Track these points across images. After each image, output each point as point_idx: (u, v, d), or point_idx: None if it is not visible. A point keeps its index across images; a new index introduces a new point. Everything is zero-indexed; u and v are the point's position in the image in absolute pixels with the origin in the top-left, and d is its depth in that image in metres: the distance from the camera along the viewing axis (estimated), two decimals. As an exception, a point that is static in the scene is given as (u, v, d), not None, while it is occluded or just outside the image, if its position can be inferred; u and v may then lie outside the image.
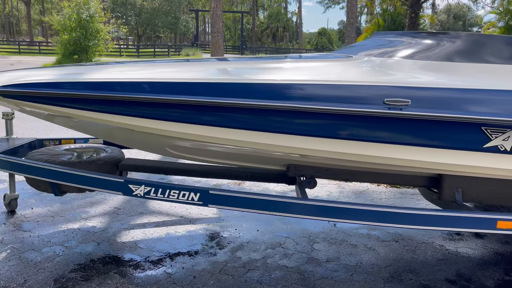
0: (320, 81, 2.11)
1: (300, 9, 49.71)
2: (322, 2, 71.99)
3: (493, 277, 2.58)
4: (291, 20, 60.81)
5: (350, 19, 14.66)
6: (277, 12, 56.19)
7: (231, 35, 68.76)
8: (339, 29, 70.41)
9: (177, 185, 2.38)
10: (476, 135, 1.98)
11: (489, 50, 2.27)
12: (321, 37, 49.70)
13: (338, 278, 2.53)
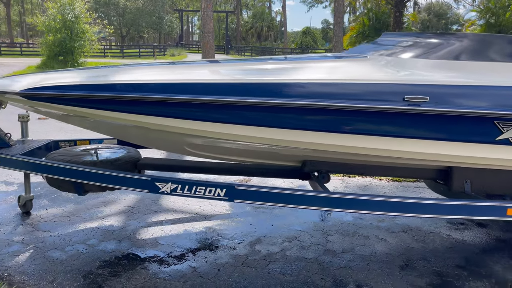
0: (345, 80, 2.24)
1: (284, 8, 49.99)
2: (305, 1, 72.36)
3: (500, 262, 2.75)
4: (275, 19, 61.06)
5: (337, 19, 14.88)
6: (262, 11, 56.39)
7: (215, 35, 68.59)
8: (323, 28, 70.92)
9: (203, 181, 2.48)
10: (489, 128, 2.14)
11: (496, 49, 2.43)
12: (306, 36, 49.99)
13: (356, 267, 2.67)
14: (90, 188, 2.86)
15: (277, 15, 64.46)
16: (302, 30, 52.69)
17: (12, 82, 2.65)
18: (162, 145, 2.97)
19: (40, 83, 2.53)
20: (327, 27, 73.37)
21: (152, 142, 2.95)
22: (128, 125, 2.66)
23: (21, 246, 2.91)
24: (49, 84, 2.51)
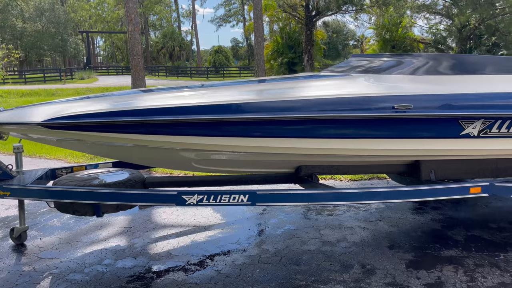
0: (342, 95, 2.73)
1: (195, 28, 50.56)
2: (213, 21, 73.80)
3: (460, 233, 3.44)
4: (185, 39, 61.34)
5: (258, 38, 15.70)
6: (172, 31, 56.32)
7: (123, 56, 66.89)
8: (233, 46, 72.86)
9: (227, 190, 2.80)
10: (454, 126, 2.77)
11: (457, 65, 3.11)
12: (218, 54, 51.10)
13: (354, 252, 3.15)
14: (107, 209, 3.01)
15: (187, 34, 64.93)
16: (214, 49, 53.70)
17: (28, 114, 2.74)
18: (171, 163, 3.21)
19: (61, 114, 2.66)
20: (237, 45, 75.56)
21: (161, 161, 3.18)
22: (141, 146, 2.88)
23: (36, 274, 2.93)
24: (70, 114, 2.66)
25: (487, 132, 2.81)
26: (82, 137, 2.73)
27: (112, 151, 3.01)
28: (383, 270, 2.86)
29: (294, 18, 22.48)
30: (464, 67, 3.08)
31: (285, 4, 20.80)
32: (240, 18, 70.77)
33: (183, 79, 40.36)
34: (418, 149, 2.88)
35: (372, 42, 27.97)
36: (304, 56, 20.96)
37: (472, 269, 2.85)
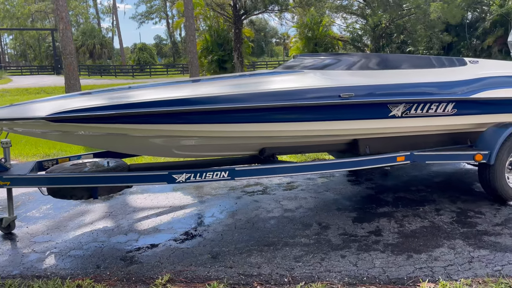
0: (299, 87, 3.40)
1: (118, 25, 48.95)
2: (135, 17, 71.73)
3: (388, 196, 4.32)
4: (106, 36, 59.09)
5: (190, 36, 16.09)
6: (91, 28, 53.93)
7: (35, 55, 62.78)
8: (156, 44, 71.52)
9: (210, 168, 3.35)
10: (384, 109, 3.57)
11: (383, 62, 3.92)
12: (142, 52, 50.08)
13: (310, 215, 3.87)
14: (101, 192, 3.42)
15: (108, 31, 62.54)
16: (138, 47, 52.47)
17: (30, 110, 3.08)
18: (154, 151, 3.67)
19: (63, 108, 3.03)
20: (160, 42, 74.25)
21: (146, 149, 3.63)
22: (131, 135, 3.33)
23: (38, 254, 3.26)
24: (72, 108, 3.04)
25: (408, 113, 3.66)
26: (82, 129, 3.11)
27: (106, 141, 3.40)
28: (335, 226, 3.61)
29: (222, 16, 23.06)
30: (389, 64, 3.92)
31: (213, 2, 21.28)
32: (163, 15, 69.71)
33: (107, 78, 39.15)
34: (358, 128, 3.65)
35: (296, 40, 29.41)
36: (234, 53, 21.65)
37: (400, 219, 3.70)
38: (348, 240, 3.31)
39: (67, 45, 11.88)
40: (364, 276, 2.78)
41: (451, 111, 3.77)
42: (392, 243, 3.24)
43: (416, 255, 3.04)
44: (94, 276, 2.89)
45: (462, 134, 4.17)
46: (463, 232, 3.41)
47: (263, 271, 2.89)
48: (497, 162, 3.79)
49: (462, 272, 2.79)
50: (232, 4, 21.06)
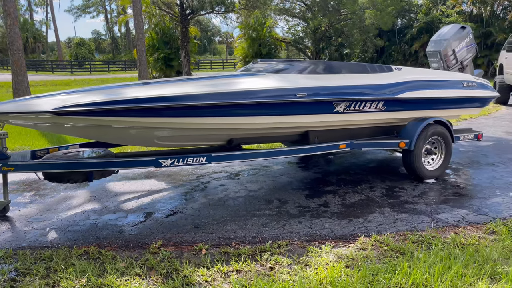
0: (265, 87, 4.14)
1: (54, 18, 46.90)
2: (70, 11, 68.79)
3: (333, 178, 5.21)
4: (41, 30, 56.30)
5: (139, 34, 16.30)
6: (24, 21, 51.06)
7: None
8: (94, 39, 69.17)
9: (191, 154, 4.00)
10: (330, 106, 4.41)
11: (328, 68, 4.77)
12: (80, 47, 48.47)
13: (271, 193, 4.64)
14: (95, 176, 3.96)
15: (42, 25, 59.53)
16: (75, 41, 50.67)
17: (34, 104, 3.56)
18: (139, 141, 4.25)
19: (67, 103, 3.55)
20: (99, 37, 71.83)
21: (132, 140, 4.19)
22: (122, 128, 3.90)
23: (39, 231, 3.73)
24: (74, 103, 3.57)
25: (348, 110, 4.54)
26: (82, 122, 3.64)
27: (96, 132, 3.94)
28: (292, 201, 4.41)
29: (169, 15, 23.28)
30: (333, 69, 4.79)
31: (159, 1, 21.47)
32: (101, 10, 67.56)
33: (44, 73, 37.57)
34: (309, 121, 4.48)
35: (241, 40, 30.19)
36: (181, 52, 21.98)
37: (342, 195, 4.59)
38: (303, 211, 4.13)
39: (15, 41, 11.75)
40: (317, 235, 3.60)
41: (381, 108, 4.72)
42: (337, 212, 4.11)
43: (355, 219, 3.92)
44: (96, 244, 3.46)
45: (390, 127, 5.16)
46: (390, 202, 4.35)
47: (238, 235, 3.61)
48: (416, 148, 4.79)
49: (389, 229, 3.70)
50: (179, 3, 21.38)
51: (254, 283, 2.75)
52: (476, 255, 3.09)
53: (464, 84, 5.33)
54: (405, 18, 27.30)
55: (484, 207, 4.18)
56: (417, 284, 2.73)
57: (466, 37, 6.31)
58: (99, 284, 2.80)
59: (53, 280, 2.87)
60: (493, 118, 9.85)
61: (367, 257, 3.14)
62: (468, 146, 6.96)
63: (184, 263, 3.08)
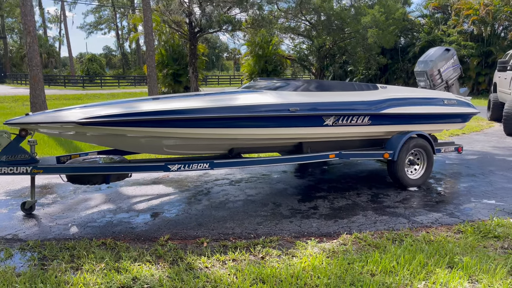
0: (262, 103, 4.70)
1: (67, 34, 48.32)
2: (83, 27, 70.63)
3: (325, 185, 5.72)
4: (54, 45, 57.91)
5: (149, 52, 17.05)
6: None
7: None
8: (105, 54, 70.81)
9: (196, 160, 4.55)
10: (320, 120, 4.94)
11: (320, 86, 5.32)
12: (92, 63, 49.74)
13: (267, 198, 5.16)
14: (112, 178, 4.51)
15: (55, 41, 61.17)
16: (87, 57, 52.00)
17: (62, 116, 4.13)
18: (150, 149, 4.80)
19: (91, 115, 4.12)
20: (109, 53, 73.49)
21: (144, 148, 4.75)
22: (137, 137, 4.46)
23: (62, 226, 4.28)
24: (96, 115, 4.14)
25: (337, 123, 5.07)
26: (103, 131, 4.21)
27: (114, 141, 4.50)
28: (285, 204, 4.92)
29: (178, 32, 24.14)
30: (323, 87, 5.34)
31: (169, 20, 22.34)
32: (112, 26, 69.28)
33: (56, 88, 38.66)
34: (302, 133, 5.01)
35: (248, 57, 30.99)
36: (190, 68, 22.75)
37: (331, 200, 5.09)
38: (294, 212, 4.64)
39: (34, 57, 12.49)
40: (305, 232, 4.10)
41: (367, 122, 5.25)
42: (324, 214, 4.61)
43: (340, 220, 4.42)
44: (112, 237, 3.99)
45: (377, 140, 5.68)
46: (374, 206, 4.85)
47: (236, 231, 4.13)
48: (399, 159, 5.30)
49: (369, 228, 4.19)
50: (188, 22, 22.24)
51: (247, 269, 3.26)
52: (440, 249, 3.58)
53: (445, 102, 5.86)
54: (408, 36, 27.95)
55: (457, 211, 4.66)
56: (386, 270, 3.22)
57: (450, 58, 6.85)
58: (116, 267, 3.31)
59: (77, 264, 3.40)
60: (485, 134, 10.32)
61: (347, 250, 3.64)
62: (454, 159, 7.44)
63: (188, 253, 3.59)
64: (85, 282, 3.06)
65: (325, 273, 3.16)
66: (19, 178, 6.12)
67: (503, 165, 6.88)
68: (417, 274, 3.14)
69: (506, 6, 23.26)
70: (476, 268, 3.22)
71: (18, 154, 4.20)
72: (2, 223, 4.35)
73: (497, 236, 3.88)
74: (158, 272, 3.24)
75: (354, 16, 24.52)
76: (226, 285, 3.02)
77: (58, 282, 3.06)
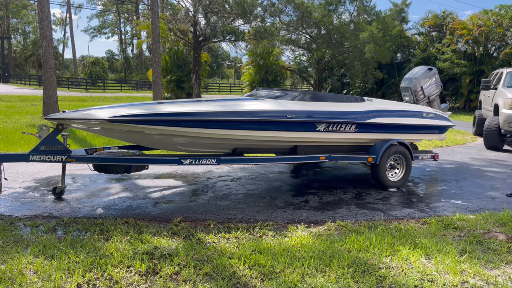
0: (263, 109, 5.47)
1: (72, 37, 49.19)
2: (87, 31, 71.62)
3: (316, 184, 6.47)
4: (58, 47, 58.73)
5: (155, 58, 17.87)
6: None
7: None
8: (108, 58, 71.75)
9: (204, 155, 5.31)
10: (313, 126, 5.71)
11: (314, 97, 6.10)
12: (95, 66, 50.68)
13: (265, 192, 5.91)
14: (133, 169, 5.25)
15: (59, 43, 62.07)
16: (91, 60, 52.94)
17: (93, 114, 4.89)
18: (165, 146, 5.55)
19: (118, 113, 4.88)
20: (112, 57, 74.42)
21: (161, 144, 5.50)
22: (155, 134, 5.21)
23: (89, 208, 5.01)
24: (123, 113, 4.90)
25: (328, 129, 5.83)
26: (127, 128, 4.96)
27: (137, 137, 5.25)
28: (281, 198, 5.68)
29: (182, 40, 25.00)
30: (317, 98, 6.13)
31: (175, 28, 23.20)
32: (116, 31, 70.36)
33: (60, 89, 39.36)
34: (297, 137, 5.78)
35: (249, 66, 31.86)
36: (193, 75, 23.58)
37: (321, 195, 5.85)
38: (288, 204, 5.39)
39: (48, 60, 13.28)
40: (296, 219, 4.85)
41: (354, 129, 6.02)
42: (314, 206, 5.36)
43: (327, 211, 5.18)
44: (133, 217, 4.72)
45: (362, 145, 6.45)
46: (357, 202, 5.61)
47: (238, 217, 4.87)
48: (381, 163, 6.07)
49: (351, 218, 4.94)
50: (193, 30, 23.11)
51: (247, 243, 4.00)
52: (406, 234, 4.33)
53: (423, 115, 6.66)
54: (404, 53, 28.92)
55: (428, 208, 5.43)
56: (360, 248, 3.96)
57: (433, 77, 7.66)
58: (139, 238, 4.05)
59: (107, 236, 4.13)
60: (467, 147, 11.12)
61: (330, 234, 4.38)
62: (434, 166, 8.22)
63: (198, 231, 4.33)
64: (116, 248, 3.79)
65: (310, 248, 3.91)
66: (45, 167, 6.86)
67: (476, 173, 7.66)
68: (384, 251, 3.89)
69: (499, 28, 24.27)
70: (433, 248, 3.97)
71: (55, 145, 4.95)
72: (38, 204, 5.08)
73: (456, 227, 4.64)
74: (174, 244, 3.98)
75: (353, 31, 25.49)
76: (230, 253, 3.76)
77: (94, 247, 3.79)
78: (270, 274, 3.39)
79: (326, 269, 3.50)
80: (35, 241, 3.89)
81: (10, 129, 10.92)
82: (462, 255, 3.88)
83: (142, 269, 3.39)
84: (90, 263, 3.44)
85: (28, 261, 3.45)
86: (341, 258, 3.70)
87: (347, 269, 3.51)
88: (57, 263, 3.40)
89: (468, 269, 3.60)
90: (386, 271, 3.51)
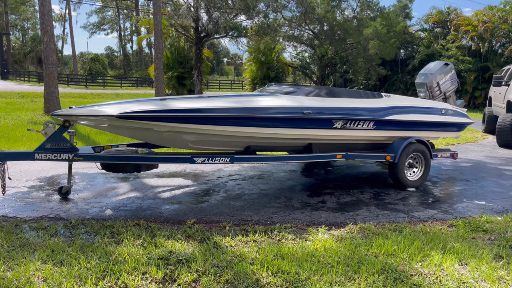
0: (277, 105, 5.23)
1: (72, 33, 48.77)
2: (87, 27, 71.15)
3: (331, 184, 6.24)
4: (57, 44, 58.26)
5: (158, 54, 17.59)
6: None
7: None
8: (107, 54, 71.28)
9: (218, 154, 5.06)
10: (330, 123, 5.47)
11: (330, 92, 5.86)
12: (95, 63, 50.23)
13: (279, 192, 5.67)
14: (143, 168, 5.00)
15: (59, 39, 61.58)
16: (90, 57, 52.49)
17: (101, 110, 4.63)
18: (177, 144, 5.30)
19: (127, 110, 4.63)
20: (112, 54, 73.97)
21: (172, 142, 5.25)
22: (164, 131, 4.97)
23: (98, 209, 4.77)
24: (133, 110, 4.65)
25: (345, 126, 5.59)
26: (137, 124, 4.71)
27: (145, 134, 5.00)
28: (297, 198, 5.43)
29: (184, 36, 24.70)
30: (333, 94, 5.88)
31: (176, 23, 22.90)
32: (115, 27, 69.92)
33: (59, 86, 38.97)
34: (313, 134, 5.53)
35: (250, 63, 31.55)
36: (194, 72, 23.30)
37: (337, 196, 5.61)
38: (305, 205, 5.15)
39: (50, 55, 13.00)
40: (315, 221, 4.61)
41: (372, 126, 5.78)
42: (332, 207, 5.12)
43: (346, 213, 4.94)
44: (144, 219, 4.48)
45: (379, 143, 6.21)
46: (376, 203, 5.37)
47: (254, 218, 4.63)
48: (400, 161, 5.83)
49: (372, 220, 4.70)
50: (195, 26, 22.81)
51: (268, 247, 3.76)
52: (435, 238, 4.09)
53: (442, 111, 6.41)
54: (408, 49, 28.65)
55: (451, 209, 5.19)
56: (388, 253, 3.73)
57: (449, 72, 7.41)
58: (153, 242, 3.81)
59: (118, 239, 3.89)
60: (479, 144, 10.89)
61: (353, 237, 4.15)
62: (449, 165, 7.99)
63: (213, 234, 4.09)
64: (129, 252, 3.55)
65: (335, 253, 3.67)
66: (49, 166, 6.61)
67: (494, 172, 7.43)
68: (414, 257, 3.65)
69: (504, 24, 24.01)
70: (466, 253, 3.74)
71: (61, 142, 4.70)
72: (43, 204, 4.83)
73: (485, 230, 4.40)
74: (190, 248, 3.73)
75: (356, 27, 25.21)
76: (251, 259, 3.52)
77: (105, 252, 3.55)
78: (295, 282, 3.15)
79: (355, 277, 3.26)
80: (43, 245, 3.65)
81: (12, 126, 10.66)
82: (497, 260, 3.65)
83: (158, 276, 3.16)
84: (102, 269, 3.20)
85: (36, 267, 3.21)
86: (370, 264, 3.46)
87: (377, 276, 3.28)
88: (67, 270, 3.16)
89: (505, 276, 3.38)
90: (419, 278, 3.28)
